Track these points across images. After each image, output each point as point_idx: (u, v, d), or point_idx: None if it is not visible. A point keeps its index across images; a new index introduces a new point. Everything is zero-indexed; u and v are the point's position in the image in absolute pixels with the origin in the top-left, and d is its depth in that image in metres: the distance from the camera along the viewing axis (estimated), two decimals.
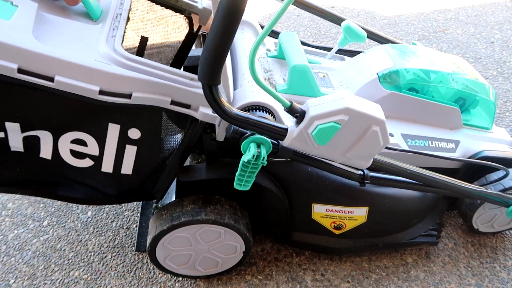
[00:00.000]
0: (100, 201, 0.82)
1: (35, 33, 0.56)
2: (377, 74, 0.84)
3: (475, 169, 0.87)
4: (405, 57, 0.87)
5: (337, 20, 0.99)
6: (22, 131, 0.64)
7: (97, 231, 0.98)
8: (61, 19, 0.64)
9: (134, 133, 0.67)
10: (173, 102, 0.63)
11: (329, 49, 1.03)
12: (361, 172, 0.73)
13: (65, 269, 0.90)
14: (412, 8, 2.06)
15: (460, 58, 0.99)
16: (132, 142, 0.68)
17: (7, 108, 0.61)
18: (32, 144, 0.67)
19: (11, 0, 0.60)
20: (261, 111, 0.67)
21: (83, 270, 0.90)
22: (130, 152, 0.69)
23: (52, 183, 0.74)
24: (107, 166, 0.70)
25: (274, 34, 1.03)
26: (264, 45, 0.95)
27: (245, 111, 0.65)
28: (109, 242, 0.96)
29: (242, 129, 0.63)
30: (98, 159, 0.69)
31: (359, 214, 0.81)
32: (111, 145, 0.68)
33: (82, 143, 0.67)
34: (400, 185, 0.77)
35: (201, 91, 0.58)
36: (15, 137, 0.64)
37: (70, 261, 0.92)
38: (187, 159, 0.80)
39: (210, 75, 0.52)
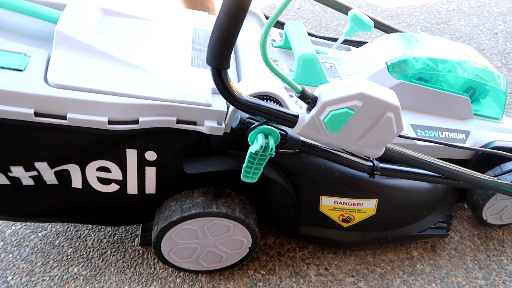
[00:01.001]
0: (130, 222, 0.92)
1: (49, 73, 0.63)
2: (386, 63, 0.84)
3: (486, 160, 0.87)
4: (413, 46, 0.88)
5: (343, 9, 0.99)
6: (51, 168, 0.72)
7: (96, 227, 0.98)
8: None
9: (151, 155, 0.73)
10: (179, 121, 0.66)
11: (334, 40, 1.03)
12: (371, 164, 0.73)
13: (64, 265, 0.90)
14: (414, 0, 2.07)
15: (468, 47, 0.99)
16: (150, 163, 0.74)
17: (32, 150, 0.69)
18: (63, 176, 0.75)
19: (24, 51, 0.66)
20: (269, 101, 0.67)
21: (82, 266, 0.90)
22: (150, 173, 0.76)
23: (86, 209, 0.82)
24: (132, 188, 0.77)
25: (279, 25, 1.04)
26: (269, 35, 0.95)
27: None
28: (108, 238, 0.96)
29: (249, 120, 0.63)
30: (123, 183, 0.77)
31: (368, 207, 0.82)
32: (132, 169, 0.75)
33: (106, 170, 0.74)
34: (411, 177, 0.78)
35: (204, 106, 0.63)
36: (47, 173, 0.73)
37: (69, 257, 0.92)
38: None
39: (220, 58, 0.52)
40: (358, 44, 1.04)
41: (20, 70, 0.62)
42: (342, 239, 0.88)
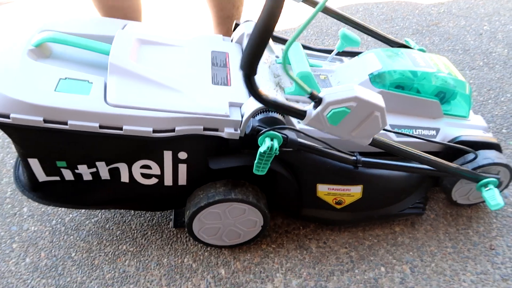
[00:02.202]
0: (166, 208, 1.10)
1: (108, 96, 0.80)
2: (368, 75, 1.00)
3: (453, 151, 1.03)
4: (392, 59, 1.04)
5: (340, 17, 1.12)
6: (107, 165, 0.89)
7: (138, 213, 1.17)
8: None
9: (182, 155, 0.89)
10: (205, 129, 0.83)
11: (329, 51, 1.19)
12: (355, 158, 0.91)
13: (115, 243, 1.10)
14: (407, 4, 2.20)
15: (443, 58, 1.15)
16: (182, 161, 0.90)
17: (96, 152, 0.86)
18: (115, 173, 0.92)
19: (87, 78, 0.83)
20: (274, 112, 0.84)
21: (129, 244, 1.10)
22: (182, 169, 0.92)
23: (132, 198, 0.99)
24: (168, 181, 0.93)
25: (283, 41, 1.21)
26: (273, 52, 1.12)
27: (261, 112, 0.84)
28: (148, 222, 1.15)
29: (259, 127, 0.81)
30: (161, 177, 0.93)
31: (355, 191, 0.99)
32: (168, 166, 0.90)
33: (148, 167, 0.90)
34: (388, 167, 0.94)
35: (223, 117, 0.81)
36: (103, 170, 0.90)
37: (118, 237, 1.11)
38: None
39: (250, 66, 0.66)
40: (352, 54, 1.20)
41: (87, 95, 0.81)
42: (336, 218, 1.05)
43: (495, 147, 1.04)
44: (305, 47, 1.19)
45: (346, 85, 0.75)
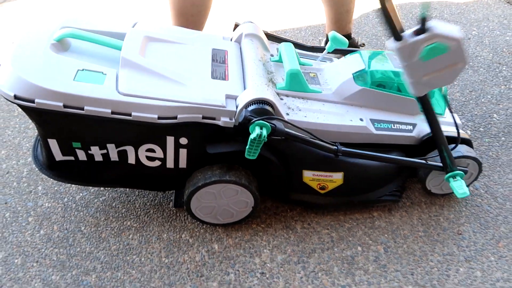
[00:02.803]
0: (168, 188, 1.20)
1: (119, 86, 0.91)
2: (352, 74, 1.10)
3: (429, 144, 1.13)
4: (375, 60, 1.14)
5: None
6: (116, 148, 1.00)
7: (141, 193, 1.28)
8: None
9: (183, 140, 0.99)
10: (204, 117, 0.94)
11: (321, 49, 1.29)
12: (335, 147, 1.02)
13: (120, 220, 1.21)
14: (402, 8, 2.30)
15: None
16: (183, 146, 1.00)
17: (107, 135, 0.96)
18: (123, 155, 1.02)
19: (101, 70, 0.93)
20: (264, 104, 0.95)
21: (133, 220, 1.21)
22: (183, 153, 1.02)
23: (138, 179, 1.10)
24: (170, 164, 1.04)
25: (277, 40, 1.31)
26: (268, 51, 1.22)
27: (252, 104, 0.94)
28: (151, 202, 1.26)
29: (250, 116, 0.92)
30: (163, 160, 1.03)
31: (337, 178, 1.10)
32: (170, 150, 1.00)
33: (152, 151, 1.01)
34: (365, 157, 1.05)
35: (220, 108, 0.92)
36: (113, 152, 1.00)
37: (123, 214, 1.22)
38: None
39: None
40: (344, 52, 1.30)
41: (101, 84, 0.92)
42: (320, 202, 1.15)
43: (466, 142, 1.15)
44: (299, 46, 1.30)
45: (451, 26, 0.78)
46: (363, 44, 1.82)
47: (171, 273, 1.08)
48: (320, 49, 1.29)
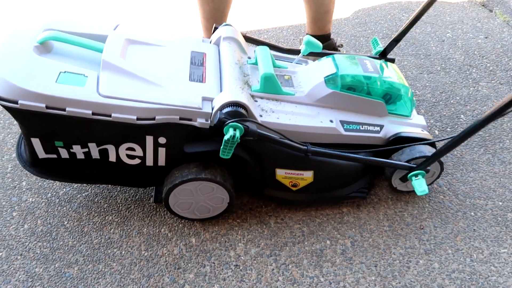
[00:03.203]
0: (148, 184, 1.24)
1: (100, 88, 0.95)
2: (324, 78, 1.16)
3: (395, 143, 1.19)
4: (346, 65, 1.19)
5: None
6: (97, 146, 1.04)
7: (123, 189, 1.32)
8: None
9: (162, 140, 1.04)
10: (181, 118, 0.98)
11: (298, 51, 1.33)
12: (305, 147, 1.08)
13: (102, 215, 1.25)
14: (381, 10, 2.36)
15: (393, 65, 1.32)
16: (162, 145, 1.05)
17: (88, 134, 1.00)
18: (104, 153, 1.07)
19: (83, 72, 0.97)
20: (238, 106, 1.01)
21: (115, 215, 1.25)
22: (161, 152, 1.07)
23: (118, 176, 1.14)
24: (149, 162, 1.09)
25: (256, 42, 1.36)
26: (245, 54, 1.27)
27: (227, 106, 1.00)
28: (132, 197, 1.31)
29: (224, 118, 0.97)
30: (143, 158, 1.08)
31: (307, 176, 1.16)
32: (150, 149, 1.05)
33: (132, 149, 1.05)
34: (333, 156, 1.11)
35: (196, 109, 0.96)
36: (94, 150, 1.04)
37: (105, 209, 1.27)
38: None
39: None
40: (319, 54, 1.36)
41: (82, 86, 0.96)
42: (293, 198, 1.22)
43: (430, 144, 1.22)
44: (276, 48, 1.35)
45: None
46: (341, 45, 1.88)
47: (150, 266, 1.13)
48: (296, 51, 1.34)
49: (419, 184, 1.13)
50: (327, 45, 1.75)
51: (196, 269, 1.13)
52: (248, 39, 1.33)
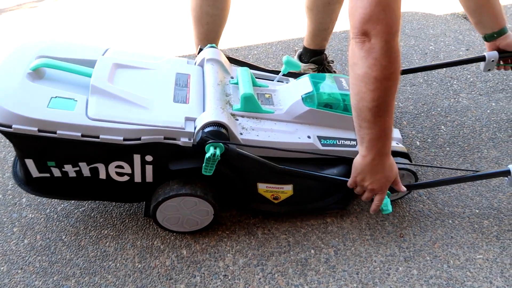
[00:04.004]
0: (137, 200, 1.25)
1: (89, 111, 0.98)
2: (301, 96, 1.19)
3: None
4: (322, 84, 1.22)
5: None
6: (87, 165, 1.05)
7: (118, 204, 1.34)
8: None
9: (149, 158, 1.05)
10: (165, 138, 1.01)
11: (277, 72, 1.37)
12: (279, 166, 1.08)
13: (98, 229, 1.27)
14: None
15: None
16: (149, 163, 1.07)
17: (78, 155, 1.02)
18: (94, 171, 1.08)
19: (73, 97, 1.00)
20: (219, 126, 1.03)
21: (110, 229, 1.27)
22: (149, 169, 1.08)
23: (109, 192, 1.16)
24: (138, 178, 1.10)
25: (239, 63, 1.39)
26: (228, 74, 1.30)
27: (210, 125, 1.02)
28: (126, 211, 1.33)
29: (206, 137, 1.00)
30: (131, 175, 1.09)
31: (287, 189, 1.17)
32: (137, 166, 1.07)
33: (121, 167, 1.07)
34: (301, 175, 1.12)
35: (180, 129, 0.99)
36: (85, 169, 1.06)
37: (101, 223, 1.29)
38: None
39: None
40: (296, 75, 1.38)
41: (72, 110, 1.00)
42: (275, 210, 1.22)
43: (404, 155, 1.23)
44: (258, 68, 1.38)
45: None
46: (332, 61, 1.91)
47: (143, 277, 1.15)
48: (277, 72, 1.37)
49: (385, 204, 1.11)
50: (318, 59, 1.78)
51: (187, 280, 1.14)
52: (232, 60, 1.36)
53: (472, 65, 1.98)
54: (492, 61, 1.37)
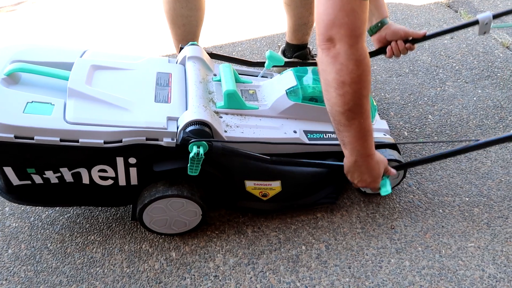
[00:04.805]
0: (124, 203, 1.22)
1: (67, 115, 0.95)
2: (285, 90, 1.17)
3: None
4: (306, 77, 1.21)
5: None
6: (69, 170, 1.03)
7: (104, 209, 1.31)
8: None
9: (132, 160, 1.03)
10: (147, 139, 0.98)
11: (263, 64, 1.33)
12: (269, 158, 1.07)
13: (84, 235, 1.24)
14: None
15: None
16: (132, 165, 1.04)
17: (59, 160, 0.99)
18: (77, 176, 1.06)
19: (50, 101, 0.97)
20: (202, 124, 1.01)
21: (97, 234, 1.24)
22: (133, 172, 1.06)
23: (94, 197, 1.13)
24: (122, 182, 1.08)
25: (221, 58, 1.36)
26: (211, 71, 1.28)
27: (192, 124, 1.00)
28: (113, 216, 1.30)
29: (187, 137, 0.97)
30: (115, 179, 1.07)
31: (275, 186, 1.16)
32: (121, 169, 1.04)
33: (104, 171, 1.04)
34: (294, 163, 1.10)
35: (162, 129, 0.96)
36: (67, 174, 1.03)
37: (87, 229, 1.26)
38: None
39: None
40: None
41: (49, 115, 0.97)
42: (264, 208, 1.21)
43: (392, 146, 1.22)
44: (244, 62, 1.35)
45: None
46: (316, 55, 1.89)
47: (132, 282, 1.12)
48: (262, 64, 1.35)
49: (383, 184, 1.12)
50: (301, 54, 1.77)
51: (177, 282, 1.12)
52: (214, 56, 1.33)
53: (457, 53, 1.98)
54: (486, 24, 1.34)
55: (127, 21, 2.41)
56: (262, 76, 1.33)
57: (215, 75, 1.25)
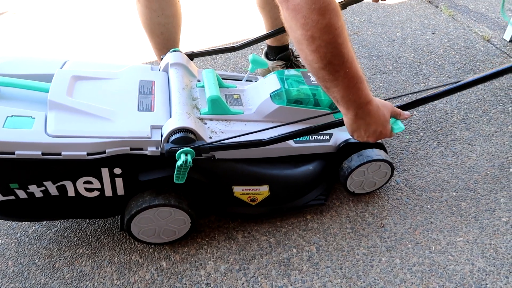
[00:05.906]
0: (112, 214, 1.20)
1: (48, 128, 0.93)
2: (270, 94, 1.16)
3: (345, 150, 1.20)
4: (290, 80, 1.20)
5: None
6: (54, 184, 1.01)
7: (92, 221, 1.29)
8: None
9: (117, 170, 1.02)
10: (131, 149, 0.97)
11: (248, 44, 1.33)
12: (261, 139, 1.02)
13: (73, 248, 1.23)
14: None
15: None
16: (118, 176, 1.03)
17: (42, 174, 0.98)
18: (62, 189, 1.04)
19: (30, 114, 0.95)
20: (186, 132, 1.00)
21: (85, 247, 1.23)
22: (119, 182, 1.05)
23: (80, 209, 1.12)
24: (108, 192, 1.06)
25: (204, 55, 1.35)
26: (194, 77, 1.27)
27: (176, 132, 0.99)
28: (101, 228, 1.28)
29: (173, 148, 0.96)
30: (101, 190, 1.05)
31: (263, 190, 1.15)
32: (107, 180, 1.03)
33: (90, 182, 1.03)
34: (288, 138, 1.04)
35: (146, 139, 0.95)
36: (51, 188, 1.01)
37: (75, 243, 1.24)
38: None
39: None
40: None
41: (30, 129, 0.95)
42: (253, 212, 1.20)
43: (378, 146, 1.23)
44: (227, 50, 1.36)
45: None
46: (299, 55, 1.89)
47: None
48: (248, 44, 1.34)
49: (395, 123, 1.01)
50: (284, 55, 1.76)
51: None
52: (196, 55, 1.32)
53: (439, 48, 2.00)
54: None
55: (108, 30, 2.38)
56: (246, 80, 1.32)
57: (198, 81, 1.24)
